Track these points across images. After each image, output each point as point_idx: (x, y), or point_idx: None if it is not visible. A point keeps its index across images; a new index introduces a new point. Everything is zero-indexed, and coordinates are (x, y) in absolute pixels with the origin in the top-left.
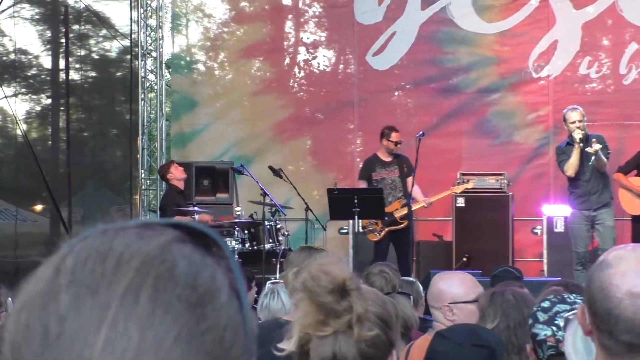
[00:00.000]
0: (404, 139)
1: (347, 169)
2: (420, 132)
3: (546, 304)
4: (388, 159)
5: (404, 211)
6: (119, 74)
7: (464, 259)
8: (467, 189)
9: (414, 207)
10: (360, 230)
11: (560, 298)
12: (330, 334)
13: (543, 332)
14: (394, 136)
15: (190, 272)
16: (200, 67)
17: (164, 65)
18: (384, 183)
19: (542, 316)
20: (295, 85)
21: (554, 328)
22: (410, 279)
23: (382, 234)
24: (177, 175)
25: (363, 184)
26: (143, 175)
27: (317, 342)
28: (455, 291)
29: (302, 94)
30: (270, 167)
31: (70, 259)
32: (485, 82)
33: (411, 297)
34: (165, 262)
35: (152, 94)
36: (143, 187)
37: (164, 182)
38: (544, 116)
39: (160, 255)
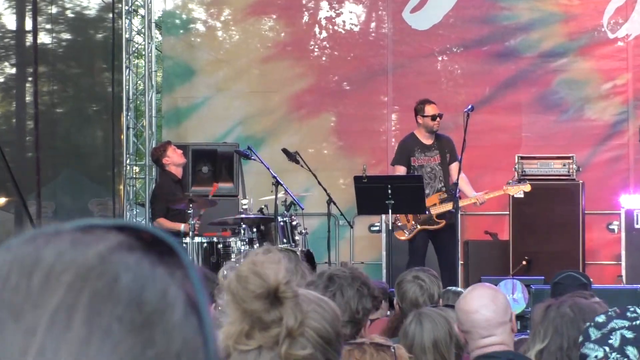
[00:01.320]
0: (449, 115)
1: (380, 152)
2: (469, 107)
3: (601, 319)
4: (428, 141)
5: (443, 208)
6: (99, 36)
7: (524, 263)
8: (523, 192)
9: (461, 204)
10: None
11: (620, 312)
12: (254, 349)
13: (594, 352)
14: (429, 109)
15: (134, 286)
16: (199, 27)
17: (153, 25)
18: (423, 171)
19: (594, 333)
20: (316, 49)
21: (607, 348)
22: (458, 289)
23: (413, 233)
24: (175, 159)
25: (401, 170)
26: (128, 160)
27: (237, 358)
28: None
29: (324, 59)
30: (285, 150)
31: None
32: (549, 44)
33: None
34: (103, 275)
35: (140, 61)
36: (129, 176)
37: (155, 169)
38: (621, 86)
39: (99, 267)
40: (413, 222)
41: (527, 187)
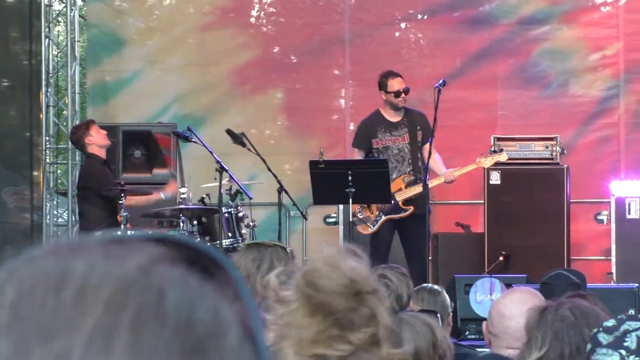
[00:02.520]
0: (415, 91)
1: (335, 133)
2: (440, 81)
3: (611, 323)
4: (395, 118)
5: (411, 192)
6: (11, 0)
7: (501, 259)
8: (499, 162)
9: (430, 185)
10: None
11: (630, 315)
12: (351, 354)
13: (608, 357)
14: (394, 83)
15: (183, 304)
16: None
17: None
18: (388, 153)
19: (605, 338)
20: (262, 16)
21: (623, 352)
22: (434, 287)
23: (378, 225)
24: (98, 140)
25: (359, 155)
26: (48, 144)
27: None
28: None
29: (270, 27)
30: (229, 132)
31: (10, 288)
32: (528, 9)
33: (437, 314)
34: (147, 290)
35: (60, 29)
36: (48, 161)
37: (78, 154)
38: (611, 57)
39: (141, 281)
40: (377, 212)
41: (504, 156)
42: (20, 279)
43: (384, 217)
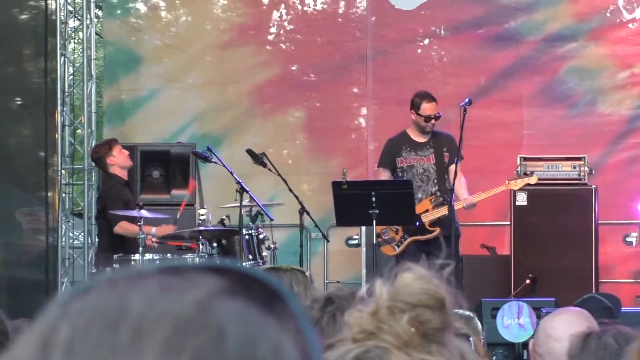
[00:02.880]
0: (439, 109)
1: (356, 153)
2: (466, 100)
3: None
4: (421, 139)
5: (437, 214)
6: (24, 16)
7: (527, 281)
8: (529, 184)
9: (446, 209)
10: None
11: None
12: None
13: None
14: (427, 108)
15: (244, 341)
16: (140, 6)
17: (93, 5)
18: (413, 172)
19: None
20: (281, 33)
21: None
22: (466, 312)
23: (403, 246)
24: (120, 161)
25: (384, 175)
26: (63, 164)
27: None
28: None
29: (289, 44)
30: (250, 152)
31: (64, 327)
32: (555, 26)
33: (471, 339)
34: (206, 328)
35: (76, 46)
36: (63, 181)
37: (95, 174)
38: None
39: (199, 318)
40: (402, 233)
41: (534, 179)
42: (73, 316)
43: (409, 239)
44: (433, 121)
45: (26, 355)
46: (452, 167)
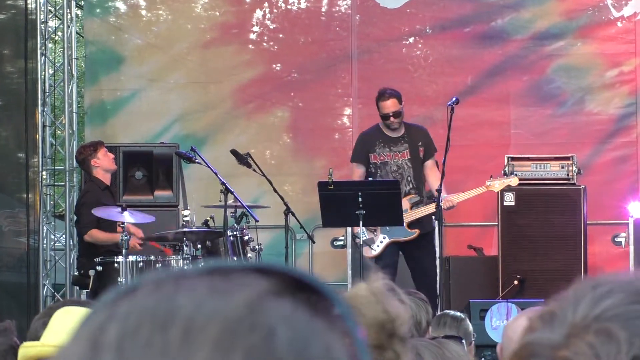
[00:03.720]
0: (424, 108)
1: (341, 153)
2: (454, 99)
3: None
4: (395, 133)
5: (417, 214)
6: (3, 16)
7: (515, 283)
8: (510, 186)
9: (426, 211)
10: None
11: None
12: None
13: None
14: (383, 106)
15: (295, 342)
16: (119, 5)
17: (73, 4)
18: (387, 170)
19: None
20: (265, 32)
21: None
22: (457, 313)
23: (382, 248)
24: (105, 164)
25: (359, 170)
26: (44, 165)
27: None
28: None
29: (272, 44)
30: (234, 152)
31: (113, 327)
32: (543, 24)
33: (462, 341)
34: (256, 328)
35: (56, 46)
36: (44, 183)
37: (76, 175)
38: (629, 73)
39: (249, 319)
40: (381, 234)
41: (515, 180)
42: (122, 316)
43: (388, 240)
44: (392, 119)
45: (76, 355)
46: (427, 163)
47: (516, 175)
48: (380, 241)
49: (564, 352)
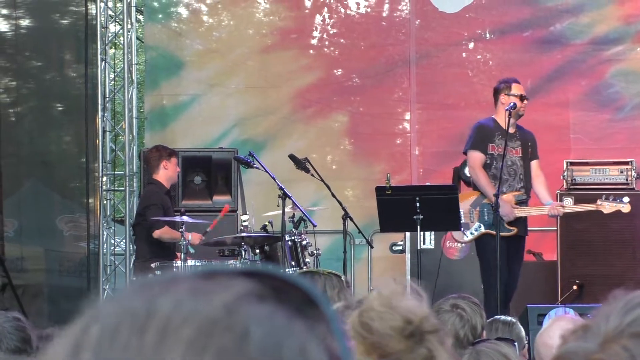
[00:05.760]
0: (485, 113)
1: (400, 158)
2: (512, 104)
3: None
4: (511, 129)
5: (519, 213)
6: (65, 21)
7: (575, 288)
8: (620, 211)
9: (530, 212)
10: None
11: None
12: None
13: None
14: (517, 88)
15: (268, 343)
16: (182, 10)
17: (133, 10)
18: (503, 163)
19: None
20: (324, 37)
21: None
22: (508, 318)
23: (475, 235)
24: (171, 172)
25: (480, 158)
26: (104, 170)
27: None
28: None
29: (333, 49)
30: (293, 157)
31: (95, 328)
32: (602, 28)
33: (515, 343)
34: (231, 329)
35: (117, 52)
36: (105, 188)
37: (136, 180)
38: None
39: (224, 320)
40: (477, 223)
41: (627, 208)
42: (105, 318)
43: (482, 230)
44: (526, 101)
45: (59, 356)
46: (533, 163)
47: (629, 202)
48: (475, 229)
49: (599, 355)
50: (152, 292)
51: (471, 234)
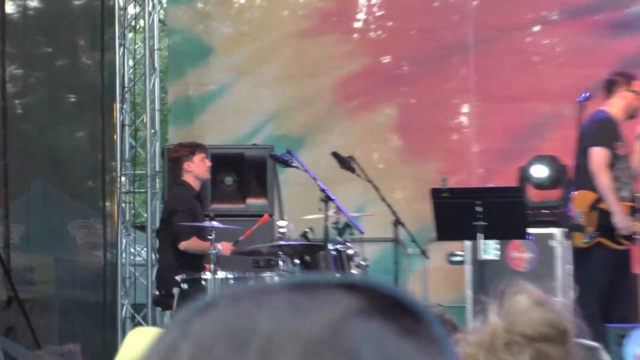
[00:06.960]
0: (552, 105)
1: (456, 156)
2: (585, 94)
3: None
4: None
5: (633, 227)
6: (78, 2)
7: None
8: None
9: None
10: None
11: None
12: None
13: None
14: (636, 84)
15: None
16: None
17: None
18: (623, 165)
19: None
20: (370, 19)
21: None
22: (591, 343)
23: (590, 242)
24: (199, 171)
25: (603, 155)
26: (123, 169)
27: None
28: None
29: (379, 33)
30: (336, 154)
31: (186, 346)
32: None
33: None
34: (339, 349)
35: (137, 36)
36: (123, 189)
37: (159, 181)
38: None
39: (332, 340)
40: (596, 228)
41: None
42: (195, 334)
43: (598, 238)
44: None
45: None
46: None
47: None
48: (590, 236)
49: None
50: (247, 307)
51: (585, 241)
